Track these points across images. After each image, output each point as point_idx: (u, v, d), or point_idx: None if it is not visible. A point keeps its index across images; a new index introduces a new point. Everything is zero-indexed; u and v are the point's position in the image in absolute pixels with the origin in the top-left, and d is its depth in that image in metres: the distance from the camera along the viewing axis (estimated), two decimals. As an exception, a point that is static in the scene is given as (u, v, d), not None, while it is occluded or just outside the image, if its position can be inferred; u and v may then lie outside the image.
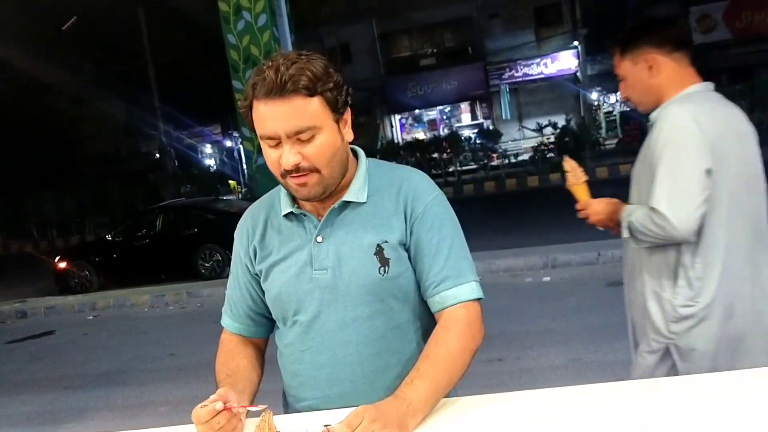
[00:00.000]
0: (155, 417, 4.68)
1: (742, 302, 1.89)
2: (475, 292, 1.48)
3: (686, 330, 1.89)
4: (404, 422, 1.26)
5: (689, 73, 2.02)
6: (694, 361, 1.86)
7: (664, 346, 1.95)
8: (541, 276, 7.84)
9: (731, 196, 1.89)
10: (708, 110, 1.91)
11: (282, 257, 1.53)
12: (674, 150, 1.86)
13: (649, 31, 2.04)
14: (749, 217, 1.94)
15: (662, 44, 2.00)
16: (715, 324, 1.87)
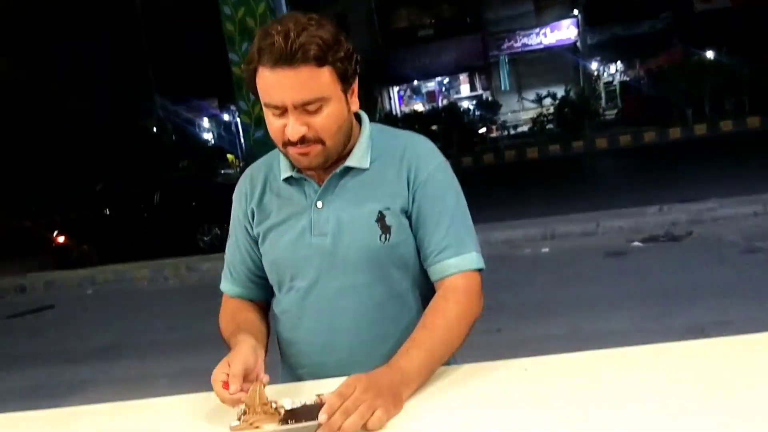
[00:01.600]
0: (155, 389, 4.71)
1: None
2: (475, 262, 1.45)
3: None
4: (397, 391, 1.24)
5: None
6: None
7: None
8: (540, 247, 7.86)
9: None
10: None
11: (280, 221, 1.50)
12: None
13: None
14: None
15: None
16: None
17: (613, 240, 7.64)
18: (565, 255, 7.38)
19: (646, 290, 5.55)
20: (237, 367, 1.28)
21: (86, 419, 1.45)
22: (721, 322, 4.46)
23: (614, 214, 8.48)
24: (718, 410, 1.09)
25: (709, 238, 7.14)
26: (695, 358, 1.34)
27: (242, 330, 1.46)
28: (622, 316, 4.95)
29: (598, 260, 6.91)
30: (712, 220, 7.86)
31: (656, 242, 7.34)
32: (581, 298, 5.58)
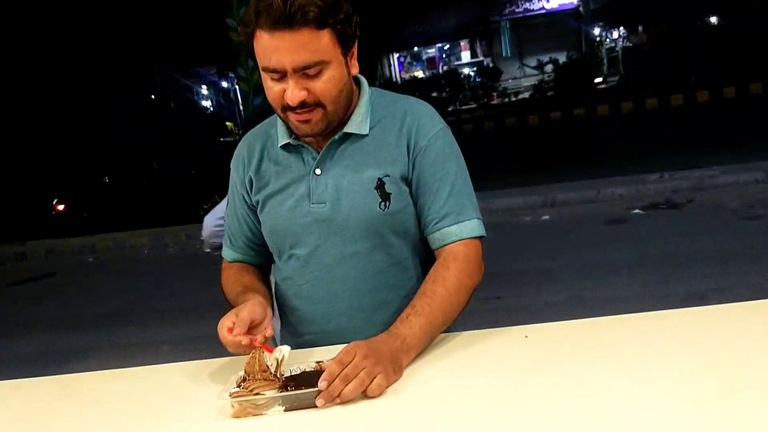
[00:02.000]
0: (157, 356, 4.74)
1: None
2: (476, 230, 1.44)
3: None
4: (397, 358, 1.24)
5: None
6: None
7: None
8: (540, 215, 7.84)
9: None
10: None
11: (279, 189, 1.48)
12: None
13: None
14: None
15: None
16: None
17: (613, 207, 7.63)
18: (565, 222, 7.37)
19: (646, 257, 5.55)
20: (243, 314, 1.31)
21: (89, 385, 1.46)
22: (721, 288, 4.47)
23: (615, 181, 8.45)
24: (717, 376, 1.09)
25: (710, 206, 7.13)
26: (695, 325, 1.34)
27: (249, 290, 1.47)
28: (621, 283, 4.95)
29: (599, 228, 6.91)
30: (713, 187, 7.84)
31: (657, 209, 7.33)
32: (581, 265, 5.58)
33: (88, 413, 1.29)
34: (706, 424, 0.95)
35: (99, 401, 1.35)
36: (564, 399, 1.08)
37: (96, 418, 1.26)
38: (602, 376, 1.15)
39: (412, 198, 1.46)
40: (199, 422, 1.16)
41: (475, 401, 1.11)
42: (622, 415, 1.00)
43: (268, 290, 1.56)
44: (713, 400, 1.02)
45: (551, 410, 1.04)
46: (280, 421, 1.13)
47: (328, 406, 1.13)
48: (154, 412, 1.25)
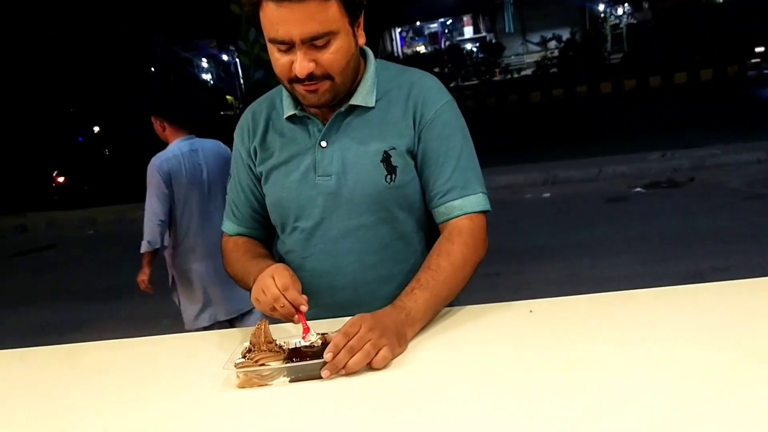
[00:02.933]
0: (158, 329, 4.76)
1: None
2: (481, 204, 1.44)
3: None
4: (402, 331, 1.24)
5: None
6: None
7: None
8: (541, 192, 7.85)
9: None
10: None
11: (283, 160, 1.47)
12: None
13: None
14: None
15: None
16: None
17: (614, 185, 7.63)
18: (565, 200, 7.37)
19: (647, 236, 5.56)
20: (298, 284, 1.34)
21: (94, 354, 1.48)
22: (721, 268, 4.48)
23: (616, 159, 8.44)
24: (724, 352, 1.10)
25: (711, 185, 7.12)
26: (702, 301, 1.34)
27: (269, 258, 1.48)
28: (621, 261, 4.96)
29: (599, 206, 6.91)
30: (714, 166, 7.83)
31: (658, 188, 7.32)
32: (581, 243, 5.59)
33: (93, 382, 1.30)
34: (713, 399, 0.95)
35: (104, 370, 1.36)
36: (570, 373, 1.08)
37: (101, 387, 1.27)
38: (608, 350, 1.15)
39: (417, 171, 1.45)
40: (204, 392, 1.17)
41: (480, 375, 1.11)
42: (628, 390, 1.00)
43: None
44: (720, 375, 1.02)
45: (557, 385, 1.04)
46: (285, 391, 1.13)
47: (333, 377, 1.14)
48: (159, 381, 1.26)
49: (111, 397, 1.21)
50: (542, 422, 0.94)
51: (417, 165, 1.44)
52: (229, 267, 1.57)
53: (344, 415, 1.03)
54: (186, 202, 3.27)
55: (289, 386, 1.15)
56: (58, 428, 1.10)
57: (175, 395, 1.18)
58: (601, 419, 0.93)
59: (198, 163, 3.27)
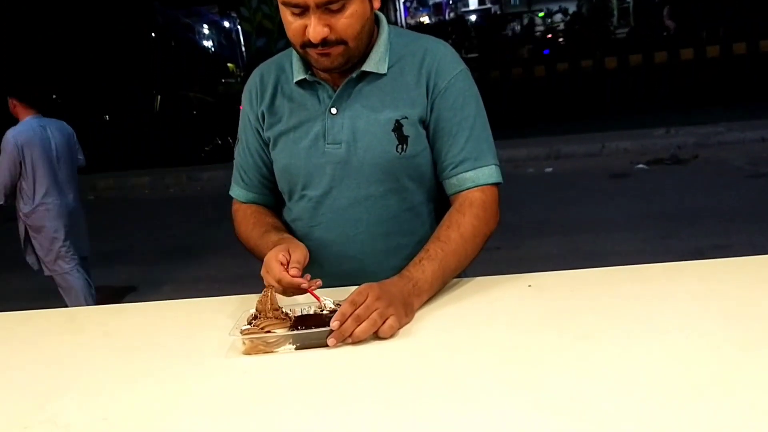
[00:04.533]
0: (159, 295, 4.76)
1: None
2: (494, 176, 1.42)
3: None
4: (409, 301, 1.24)
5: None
6: None
7: None
8: (544, 167, 7.82)
9: None
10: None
11: (292, 127, 1.44)
12: None
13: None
14: None
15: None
16: None
17: (617, 161, 7.60)
18: (568, 175, 7.35)
19: (648, 212, 5.55)
20: (299, 255, 1.30)
21: (98, 319, 1.47)
22: (722, 246, 4.48)
23: (620, 135, 8.40)
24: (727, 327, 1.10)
25: (715, 162, 7.10)
26: (704, 277, 1.34)
27: (280, 230, 1.45)
28: (622, 237, 4.96)
29: (602, 181, 6.89)
30: (718, 144, 7.80)
31: (661, 165, 7.30)
32: (582, 218, 5.58)
33: (97, 346, 1.30)
34: (718, 374, 0.95)
35: (108, 335, 1.35)
36: (576, 348, 1.08)
37: (105, 351, 1.26)
38: (611, 325, 1.15)
39: (429, 142, 1.42)
40: (209, 358, 1.16)
41: (486, 347, 1.11)
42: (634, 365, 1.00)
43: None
44: (727, 351, 1.02)
45: (563, 359, 1.04)
46: (291, 359, 1.13)
47: (339, 345, 1.13)
48: (164, 346, 1.25)
49: (114, 362, 1.20)
50: (547, 395, 0.94)
51: (429, 135, 1.42)
52: (240, 237, 1.54)
53: (350, 383, 1.03)
54: (39, 170, 3.88)
55: (295, 354, 1.15)
56: (58, 394, 1.09)
57: (180, 361, 1.17)
58: (606, 394, 0.93)
59: (47, 138, 3.91)
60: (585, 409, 0.89)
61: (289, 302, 1.28)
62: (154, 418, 0.98)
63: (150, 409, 1.00)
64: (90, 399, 1.06)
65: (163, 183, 9.31)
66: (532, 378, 0.99)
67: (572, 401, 0.91)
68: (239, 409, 0.98)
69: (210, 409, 0.99)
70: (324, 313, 1.20)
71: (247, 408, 0.98)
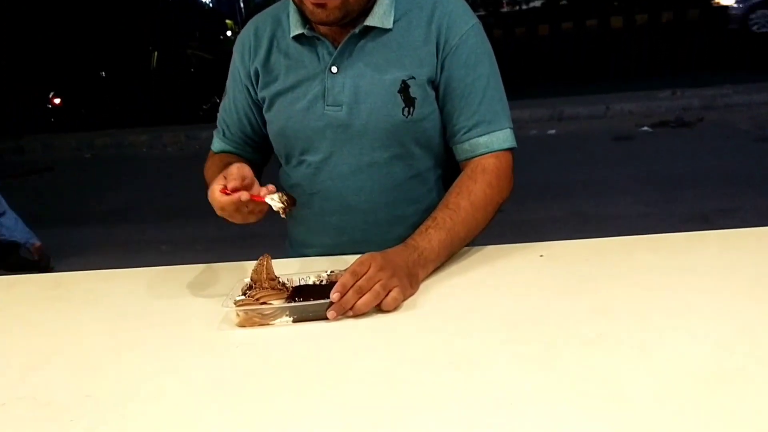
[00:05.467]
0: (157, 255, 4.73)
1: None
2: (508, 141, 1.33)
3: None
4: (413, 272, 1.16)
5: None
6: None
7: None
8: (547, 129, 7.72)
9: None
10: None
11: (289, 86, 1.34)
12: None
13: None
14: None
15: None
16: None
17: (621, 124, 7.51)
18: (571, 138, 7.26)
19: (652, 176, 5.48)
20: (233, 169, 1.16)
21: (85, 285, 1.40)
22: (726, 210, 4.42)
23: (625, 96, 8.28)
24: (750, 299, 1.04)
25: (721, 125, 7.01)
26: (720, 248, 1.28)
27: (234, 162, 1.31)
28: (625, 201, 4.90)
29: (606, 144, 6.81)
30: (724, 107, 7.70)
31: (666, 127, 7.21)
32: (586, 181, 5.52)
33: (82, 315, 1.23)
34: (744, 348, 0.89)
35: (95, 302, 1.28)
36: (589, 320, 1.02)
37: (91, 321, 1.19)
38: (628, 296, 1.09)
39: (439, 103, 1.33)
40: (201, 330, 1.09)
41: (495, 321, 1.05)
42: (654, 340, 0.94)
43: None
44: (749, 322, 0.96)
45: (576, 332, 0.98)
46: (288, 332, 1.07)
47: (339, 319, 1.07)
48: (153, 317, 1.19)
49: (100, 333, 1.13)
50: (562, 372, 0.88)
51: (439, 96, 1.32)
52: (207, 181, 1.42)
53: (350, 358, 0.97)
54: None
55: (292, 327, 1.08)
56: (39, 367, 1.02)
57: (169, 334, 1.10)
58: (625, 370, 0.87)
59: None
60: (602, 386, 0.83)
61: (286, 270, 1.20)
62: (141, 395, 0.91)
63: (137, 386, 0.94)
64: (73, 374, 0.99)
65: (160, 141, 9.21)
66: (546, 354, 0.93)
67: (588, 379, 0.85)
68: (232, 386, 0.92)
69: (200, 386, 0.92)
70: (324, 284, 1.13)
71: (240, 384, 0.92)
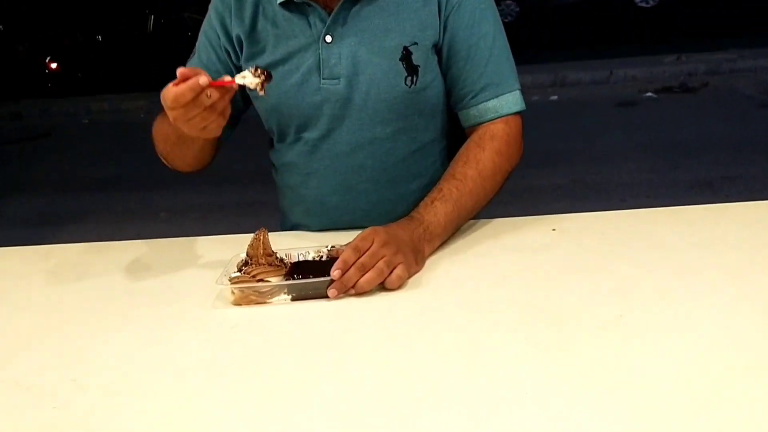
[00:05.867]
0: (156, 223, 4.69)
1: None
2: (518, 104, 1.26)
3: None
4: (419, 247, 1.10)
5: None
6: None
7: None
8: (549, 95, 7.63)
9: None
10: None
11: (279, 59, 1.24)
12: None
13: None
14: None
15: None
16: None
17: (625, 89, 7.42)
18: (574, 104, 7.17)
19: (656, 142, 5.41)
20: (182, 68, 1.03)
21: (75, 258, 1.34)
22: (731, 177, 4.36)
23: (628, 62, 8.18)
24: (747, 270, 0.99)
25: (725, 91, 6.92)
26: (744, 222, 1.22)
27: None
28: (628, 168, 4.84)
29: (608, 110, 6.72)
30: (729, 72, 7.60)
31: (670, 93, 7.12)
32: (588, 148, 5.45)
33: (69, 292, 1.17)
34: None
35: (84, 278, 1.22)
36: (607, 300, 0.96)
37: (78, 297, 1.14)
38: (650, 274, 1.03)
39: (442, 68, 1.25)
40: (194, 308, 1.04)
41: (506, 300, 0.99)
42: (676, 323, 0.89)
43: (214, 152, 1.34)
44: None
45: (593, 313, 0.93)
46: (286, 311, 1.01)
47: (340, 297, 1.01)
48: (143, 294, 1.13)
49: (87, 311, 1.08)
50: (577, 357, 0.82)
51: (441, 60, 1.24)
52: (157, 143, 1.32)
53: (351, 340, 0.92)
54: None
55: (291, 305, 1.03)
56: (22, 349, 0.97)
57: (160, 312, 1.05)
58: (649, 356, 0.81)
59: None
60: (623, 374, 0.77)
61: (285, 244, 1.14)
62: (130, 379, 0.86)
63: (125, 369, 0.88)
64: (57, 356, 0.93)
65: (158, 107, 9.03)
66: (561, 338, 0.87)
67: (608, 366, 0.79)
68: (226, 369, 0.87)
69: (193, 369, 0.87)
70: (324, 260, 1.08)
71: (235, 367, 0.87)
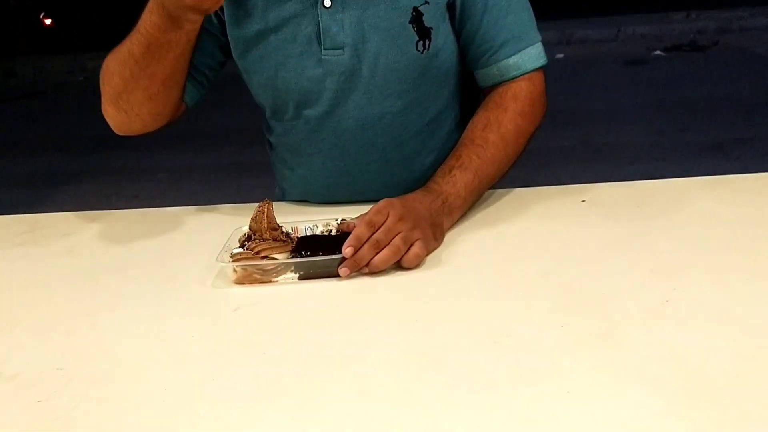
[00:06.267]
0: (154, 183, 4.62)
1: None
2: (541, 58, 1.15)
3: None
4: (438, 221, 1.00)
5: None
6: None
7: None
8: (555, 53, 7.50)
9: None
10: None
11: (272, 27, 1.10)
12: None
13: None
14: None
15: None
16: None
17: (633, 47, 7.29)
18: (581, 62, 7.05)
19: (665, 102, 5.31)
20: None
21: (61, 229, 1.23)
22: (742, 139, 4.27)
23: (637, 19, 8.04)
24: None
25: (736, 50, 6.78)
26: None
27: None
28: (637, 129, 4.75)
29: (616, 69, 6.61)
30: (740, 30, 7.45)
31: (679, 51, 6.99)
32: (596, 108, 5.36)
33: (56, 268, 1.07)
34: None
35: (72, 252, 1.13)
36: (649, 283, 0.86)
37: (66, 275, 1.04)
38: (695, 253, 0.94)
39: (455, 25, 1.13)
40: (193, 288, 0.95)
41: (534, 279, 0.90)
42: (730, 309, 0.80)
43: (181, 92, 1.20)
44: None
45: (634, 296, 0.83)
46: (293, 291, 0.93)
47: (352, 276, 0.92)
48: (136, 271, 1.03)
49: (75, 291, 0.98)
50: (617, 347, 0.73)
51: (455, 17, 1.12)
52: (108, 78, 1.20)
53: (365, 324, 0.83)
54: None
55: (298, 285, 0.93)
56: (4, 334, 0.88)
57: (154, 291, 0.95)
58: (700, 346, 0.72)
59: None
60: (675, 366, 0.68)
61: (291, 218, 1.04)
62: (120, 367, 0.77)
63: (115, 356, 0.80)
64: (43, 341, 0.84)
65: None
66: (603, 326, 0.77)
67: (657, 358, 0.70)
68: (227, 354, 0.78)
69: (191, 355, 0.79)
70: (334, 235, 0.98)
71: (237, 352, 0.78)
